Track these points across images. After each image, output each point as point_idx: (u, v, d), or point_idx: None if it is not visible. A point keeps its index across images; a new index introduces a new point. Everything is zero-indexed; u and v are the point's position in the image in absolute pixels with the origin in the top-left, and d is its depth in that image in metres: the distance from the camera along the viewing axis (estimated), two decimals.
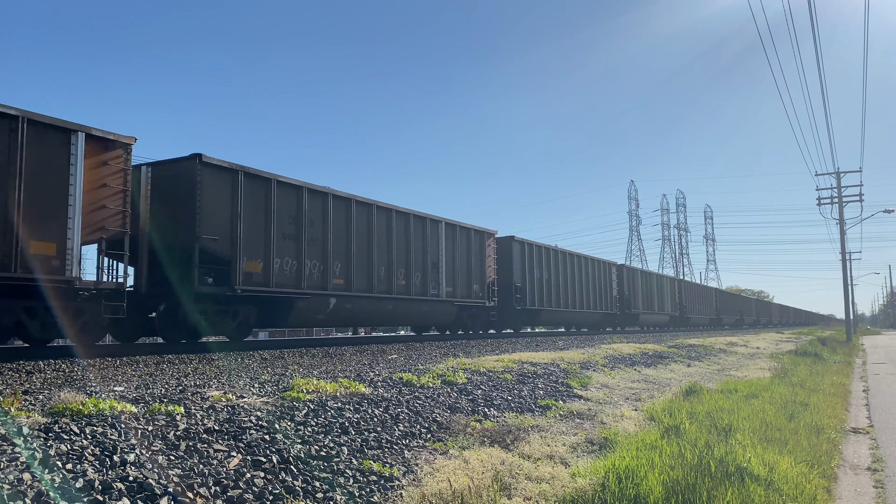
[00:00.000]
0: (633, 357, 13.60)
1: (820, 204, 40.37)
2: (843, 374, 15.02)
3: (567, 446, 5.62)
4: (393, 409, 5.81)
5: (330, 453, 4.47)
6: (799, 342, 28.42)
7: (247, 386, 5.88)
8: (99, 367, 8.51)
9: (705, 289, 55.80)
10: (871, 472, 5.92)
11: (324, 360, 10.39)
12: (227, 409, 4.80)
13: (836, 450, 6.59)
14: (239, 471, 3.85)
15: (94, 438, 3.79)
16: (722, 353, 18.86)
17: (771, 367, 15.50)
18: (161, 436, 4.08)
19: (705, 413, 7.34)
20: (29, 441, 3.57)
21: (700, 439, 5.68)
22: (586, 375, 9.89)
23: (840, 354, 22.29)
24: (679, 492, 4.16)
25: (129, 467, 3.52)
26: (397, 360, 10.64)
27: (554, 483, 4.51)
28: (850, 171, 39.71)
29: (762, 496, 4.29)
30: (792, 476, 4.81)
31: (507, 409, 6.84)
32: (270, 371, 8.02)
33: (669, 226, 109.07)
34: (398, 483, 4.25)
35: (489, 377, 8.18)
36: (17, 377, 7.28)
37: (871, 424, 8.43)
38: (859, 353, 25.94)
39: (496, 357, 10.35)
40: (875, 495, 5.16)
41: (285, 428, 4.69)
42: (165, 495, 3.32)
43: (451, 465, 4.65)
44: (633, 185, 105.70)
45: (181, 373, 7.92)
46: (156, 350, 11.33)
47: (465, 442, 5.35)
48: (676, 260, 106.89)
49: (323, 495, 3.85)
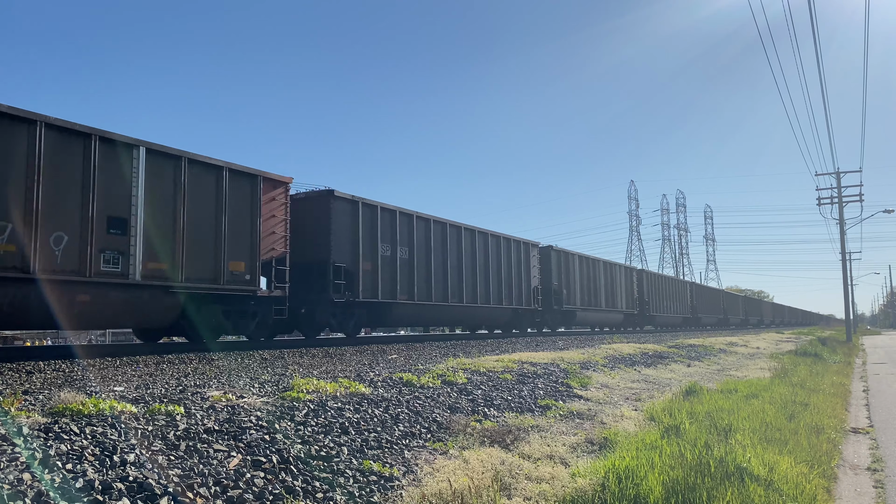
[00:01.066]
0: (633, 357, 13.60)
1: (820, 204, 40.38)
2: (842, 374, 15.02)
3: (567, 446, 5.62)
4: (393, 409, 5.81)
5: (330, 453, 4.47)
6: (799, 342, 28.42)
7: (247, 386, 5.88)
8: (99, 367, 8.50)
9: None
10: (871, 472, 5.92)
11: (324, 360, 10.39)
12: (227, 409, 4.80)
13: (836, 450, 6.59)
14: (239, 471, 3.85)
15: (94, 438, 3.79)
16: (722, 353, 18.86)
17: (771, 367, 15.50)
18: (161, 436, 4.08)
19: (705, 413, 7.34)
20: (29, 441, 3.57)
21: (700, 439, 5.68)
22: (586, 375, 9.89)
23: (840, 354, 22.28)
24: (679, 492, 4.16)
25: (129, 467, 3.52)
26: (397, 360, 10.64)
27: (554, 483, 4.51)
28: (850, 171, 39.73)
29: (762, 496, 4.29)
30: (792, 476, 4.81)
31: (507, 409, 6.84)
32: (270, 371, 8.02)
33: (669, 226, 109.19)
34: (398, 483, 4.25)
35: (489, 377, 8.18)
36: (17, 377, 7.28)
37: (871, 424, 8.43)
38: (859, 353, 25.94)
39: (496, 357, 10.35)
40: (875, 495, 5.16)
41: (285, 428, 4.69)
42: (165, 495, 3.32)
43: (451, 465, 4.66)
44: (632, 185, 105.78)
45: (181, 373, 7.92)
46: (156, 350, 11.35)
47: (465, 442, 5.35)
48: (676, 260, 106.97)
49: (323, 495, 3.85)
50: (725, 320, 57.64)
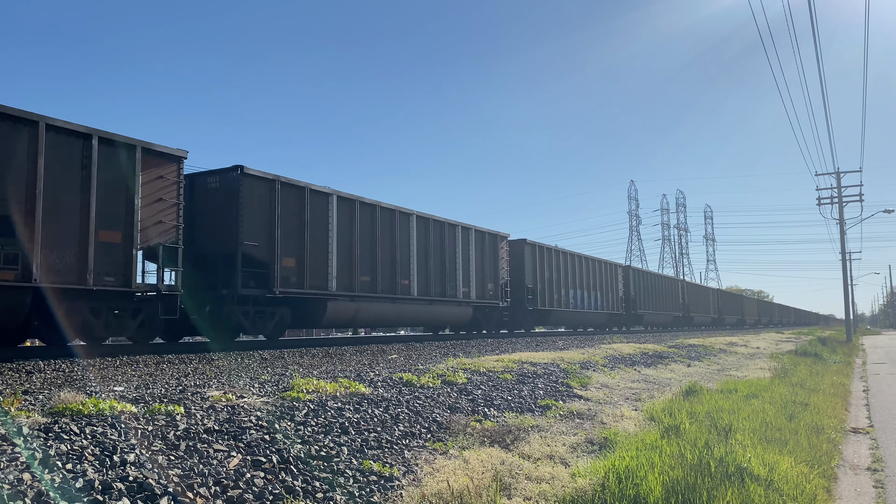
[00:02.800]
0: (633, 357, 13.60)
1: (820, 204, 40.36)
2: (843, 374, 15.02)
3: (567, 446, 5.62)
4: (393, 409, 5.81)
5: (330, 453, 4.47)
6: (799, 342, 28.43)
7: (247, 386, 5.88)
8: (99, 367, 8.51)
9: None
10: (871, 472, 5.92)
11: (324, 360, 10.39)
12: (227, 409, 4.80)
13: (836, 450, 6.59)
14: (239, 471, 3.85)
15: (94, 438, 3.79)
16: (722, 353, 18.86)
17: (771, 367, 15.50)
18: (161, 436, 4.08)
19: (705, 413, 7.34)
20: (29, 441, 3.57)
21: (700, 439, 5.67)
22: (586, 375, 9.89)
23: (840, 354, 22.28)
24: (679, 492, 4.16)
25: (129, 467, 3.52)
26: (397, 360, 10.64)
27: (554, 483, 4.51)
28: (850, 171, 39.71)
29: (762, 496, 4.29)
30: (792, 476, 4.81)
31: (507, 409, 6.84)
32: (270, 371, 8.03)
33: (669, 226, 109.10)
34: (398, 483, 4.25)
35: (489, 377, 8.18)
36: (17, 377, 7.28)
37: (871, 424, 8.43)
38: (859, 353, 25.94)
39: (496, 357, 10.35)
40: (875, 495, 5.16)
41: (285, 428, 4.69)
42: (165, 495, 3.32)
43: (450, 465, 4.65)
44: (633, 185, 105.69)
45: (181, 373, 7.92)
46: (156, 350, 11.34)
47: (465, 442, 5.35)
48: (676, 260, 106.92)
49: (323, 495, 3.85)
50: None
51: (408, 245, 18.35)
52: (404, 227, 18.32)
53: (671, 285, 44.09)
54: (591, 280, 30.81)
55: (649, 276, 40.33)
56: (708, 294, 54.69)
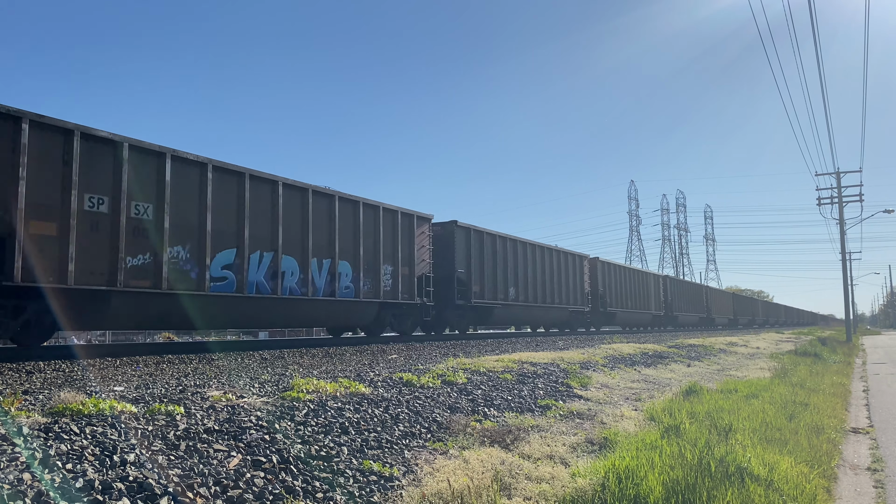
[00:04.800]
0: (633, 357, 13.60)
1: (820, 204, 40.42)
2: (842, 374, 15.03)
3: (567, 446, 5.62)
4: (393, 409, 5.81)
5: (330, 453, 4.47)
6: (799, 342, 28.42)
7: (247, 386, 5.88)
8: (99, 367, 8.51)
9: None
10: (871, 472, 5.92)
11: (324, 360, 10.39)
12: (227, 409, 4.80)
13: (836, 450, 6.59)
14: (239, 471, 3.85)
15: (94, 438, 3.79)
16: (722, 353, 18.86)
17: (771, 367, 15.50)
18: (161, 436, 4.08)
19: (705, 413, 7.34)
20: (29, 441, 3.57)
21: (700, 439, 5.67)
22: (586, 375, 9.89)
23: (840, 354, 22.29)
24: (679, 492, 4.16)
25: (129, 467, 3.52)
26: (397, 360, 10.64)
27: (554, 483, 4.51)
28: (850, 171, 39.78)
29: (762, 496, 4.29)
30: (792, 476, 4.81)
31: (506, 409, 6.83)
32: (270, 371, 8.02)
33: (669, 226, 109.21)
34: (398, 483, 4.25)
35: (489, 377, 8.19)
36: (17, 377, 7.28)
37: (871, 424, 8.44)
38: (859, 353, 25.95)
39: (496, 357, 10.35)
40: (875, 495, 5.16)
41: (285, 428, 4.69)
42: (165, 495, 3.32)
43: (450, 465, 4.65)
44: (633, 185, 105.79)
45: (181, 373, 7.92)
46: (155, 350, 11.36)
47: (465, 442, 5.35)
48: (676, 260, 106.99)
49: (323, 495, 3.85)
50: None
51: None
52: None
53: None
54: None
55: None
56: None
